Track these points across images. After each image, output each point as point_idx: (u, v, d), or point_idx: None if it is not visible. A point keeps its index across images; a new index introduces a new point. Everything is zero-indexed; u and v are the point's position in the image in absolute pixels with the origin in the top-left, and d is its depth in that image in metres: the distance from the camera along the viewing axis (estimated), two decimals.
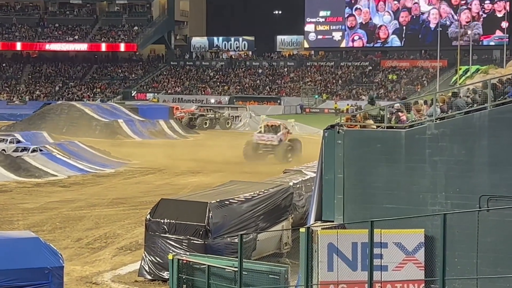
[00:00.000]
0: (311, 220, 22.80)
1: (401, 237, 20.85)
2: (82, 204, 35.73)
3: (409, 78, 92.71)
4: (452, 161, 21.42)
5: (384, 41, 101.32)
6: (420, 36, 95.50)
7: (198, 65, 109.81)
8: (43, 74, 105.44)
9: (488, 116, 21.29)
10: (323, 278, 20.74)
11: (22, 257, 17.61)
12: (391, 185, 21.92)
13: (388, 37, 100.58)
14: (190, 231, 23.33)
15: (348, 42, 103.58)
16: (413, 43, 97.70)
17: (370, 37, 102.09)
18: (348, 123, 23.70)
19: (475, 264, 20.14)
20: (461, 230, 19.94)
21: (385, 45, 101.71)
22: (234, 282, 18.59)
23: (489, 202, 20.43)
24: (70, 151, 50.82)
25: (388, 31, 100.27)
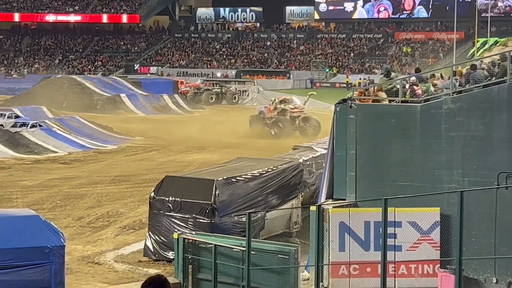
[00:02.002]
0: (322, 198, 22.85)
1: (415, 216, 20.87)
2: (83, 182, 35.81)
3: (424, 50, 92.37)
4: (470, 137, 21.39)
5: (410, 12, 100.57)
6: (448, 7, 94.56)
7: (204, 37, 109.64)
8: (42, 46, 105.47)
9: (507, 90, 21.25)
10: (334, 259, 20.78)
11: (22, 236, 17.64)
12: (406, 162, 21.92)
13: (414, 8, 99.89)
14: (196, 210, 23.37)
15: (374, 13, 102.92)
16: (441, 14, 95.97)
17: (396, 8, 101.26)
18: (361, 97, 23.67)
19: (493, 244, 20.16)
20: (479, 209, 19.94)
21: (412, 16, 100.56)
22: (242, 262, 18.64)
23: (508, 180, 20.42)
24: (71, 126, 50.87)
25: (414, 1, 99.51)
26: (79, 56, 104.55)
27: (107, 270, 22.79)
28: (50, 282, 17.45)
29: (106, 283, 21.12)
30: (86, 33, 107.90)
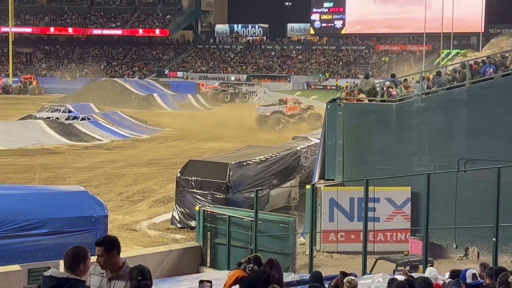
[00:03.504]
0: (315, 179, 22.86)
1: (391, 193, 20.89)
2: (123, 164, 35.89)
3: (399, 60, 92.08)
4: (435, 130, 21.40)
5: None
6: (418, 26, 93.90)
7: (221, 48, 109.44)
8: (90, 54, 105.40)
9: (466, 92, 21.23)
10: (325, 227, 20.84)
11: (73, 207, 17.72)
12: (383, 150, 21.93)
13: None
14: (213, 187, 23.42)
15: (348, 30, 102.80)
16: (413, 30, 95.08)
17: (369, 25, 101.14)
18: (348, 97, 23.69)
19: (454, 216, 20.19)
20: (442, 188, 19.90)
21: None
22: (251, 230, 18.63)
23: (466, 164, 20.41)
24: (113, 119, 50.96)
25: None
26: (120, 62, 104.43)
27: (141, 236, 22.86)
28: None
29: (141, 246, 21.16)
30: (126, 44, 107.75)
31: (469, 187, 20.01)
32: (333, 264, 19.26)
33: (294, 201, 26.02)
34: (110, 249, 6.55)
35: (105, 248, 6.54)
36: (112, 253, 6.55)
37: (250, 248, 18.27)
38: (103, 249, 6.54)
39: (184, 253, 19.06)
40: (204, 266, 19.09)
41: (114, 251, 6.55)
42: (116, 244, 6.60)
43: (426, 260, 16.66)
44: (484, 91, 21.11)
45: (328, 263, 19.74)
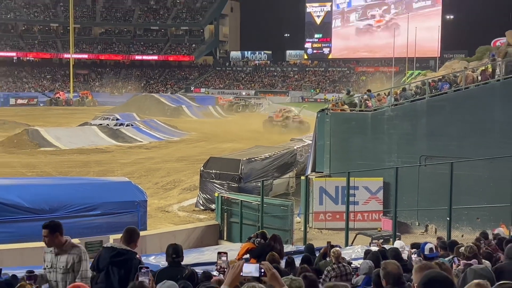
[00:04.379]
0: (308, 171, 22.84)
1: (367, 183, 20.88)
2: (158, 160, 35.92)
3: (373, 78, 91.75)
4: (402, 133, 21.37)
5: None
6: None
7: (234, 70, 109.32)
8: (133, 75, 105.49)
9: (426, 104, 21.19)
10: (315, 209, 20.85)
11: (120, 193, 17.77)
12: (361, 149, 21.90)
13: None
14: (229, 178, 23.43)
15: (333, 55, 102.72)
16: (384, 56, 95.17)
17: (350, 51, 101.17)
18: (333, 108, 23.66)
19: (416, 201, 20.17)
20: (407, 179, 19.90)
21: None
22: (258, 211, 18.68)
23: (426, 160, 20.39)
24: (151, 125, 51.05)
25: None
26: (156, 81, 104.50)
27: (173, 216, 22.90)
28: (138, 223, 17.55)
29: (173, 224, 21.19)
30: (161, 67, 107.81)
31: (428, 178, 20.00)
32: (322, 238, 19.25)
33: (292, 189, 26.03)
34: (53, 231, 6.50)
35: (49, 231, 6.51)
36: (55, 234, 6.49)
37: (258, 225, 18.30)
38: (48, 231, 6.51)
39: (206, 230, 19.10)
40: (222, 239, 19.13)
41: (56, 232, 6.50)
42: (58, 227, 6.54)
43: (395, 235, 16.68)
44: (440, 103, 21.08)
45: (319, 237, 19.73)
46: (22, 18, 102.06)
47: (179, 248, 7.13)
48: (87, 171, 31.24)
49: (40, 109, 76.81)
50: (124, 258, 6.28)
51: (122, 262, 6.29)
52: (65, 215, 16.42)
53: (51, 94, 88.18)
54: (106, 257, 6.35)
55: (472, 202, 18.70)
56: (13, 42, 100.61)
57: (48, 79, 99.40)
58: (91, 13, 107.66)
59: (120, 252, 6.35)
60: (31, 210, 16.10)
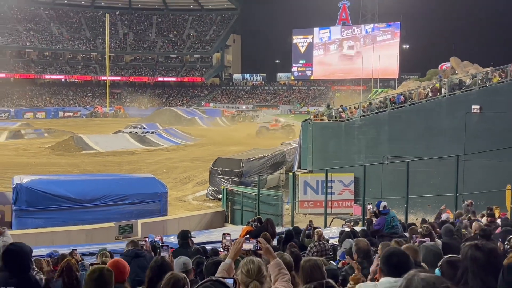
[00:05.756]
0: (295, 168, 22.83)
1: (342, 177, 20.87)
2: (176, 160, 35.85)
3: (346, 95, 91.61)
4: (369, 138, 21.37)
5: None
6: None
7: (236, 88, 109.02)
8: (156, 93, 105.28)
9: (388, 115, 21.19)
10: (301, 198, 20.81)
11: (146, 186, 17.76)
12: (337, 150, 21.89)
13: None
14: (232, 174, 23.40)
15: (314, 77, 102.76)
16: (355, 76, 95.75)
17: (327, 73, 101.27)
18: (315, 119, 23.65)
19: (380, 191, 20.15)
20: (373, 174, 19.90)
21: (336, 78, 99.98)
22: (255, 200, 18.66)
23: (387, 159, 20.39)
24: (171, 133, 50.96)
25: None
26: (175, 98, 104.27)
27: (188, 204, 22.85)
28: (160, 210, 17.54)
29: (188, 210, 21.15)
30: (178, 86, 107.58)
31: (390, 173, 20.01)
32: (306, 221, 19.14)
33: (282, 182, 25.99)
34: None
35: None
36: None
37: (255, 211, 18.28)
38: None
39: (215, 215, 19.09)
40: (227, 223, 19.10)
41: None
42: None
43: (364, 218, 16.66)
44: (398, 114, 21.10)
45: (303, 220, 19.66)
46: (68, 48, 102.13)
47: (184, 233, 7.16)
48: (120, 169, 31.21)
49: (83, 120, 76.64)
50: None
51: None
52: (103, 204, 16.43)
53: (91, 108, 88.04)
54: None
55: (425, 192, 18.72)
56: (61, 67, 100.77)
57: (89, 96, 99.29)
58: (123, 44, 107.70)
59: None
60: (76, 200, 16.09)
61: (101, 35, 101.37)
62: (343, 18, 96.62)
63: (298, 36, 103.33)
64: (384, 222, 9.03)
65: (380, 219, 9.11)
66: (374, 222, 9.10)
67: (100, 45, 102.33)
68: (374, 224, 9.05)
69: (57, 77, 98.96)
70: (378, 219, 9.16)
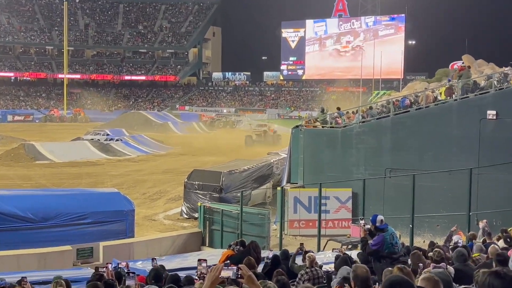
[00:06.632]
0: (284, 182, 22.83)
1: (338, 193, 20.92)
2: (145, 172, 35.71)
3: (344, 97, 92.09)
4: (369, 147, 21.48)
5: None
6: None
7: (216, 89, 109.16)
8: (122, 94, 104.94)
9: (390, 121, 21.36)
10: (290, 217, 20.80)
11: (109, 203, 17.65)
12: (332, 162, 21.96)
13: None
14: (211, 189, 23.36)
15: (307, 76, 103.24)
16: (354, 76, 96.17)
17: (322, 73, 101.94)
18: (307, 125, 23.73)
19: (382, 209, 20.18)
20: (374, 189, 19.98)
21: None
22: (237, 219, 18.62)
23: (390, 172, 20.50)
24: (139, 140, 50.80)
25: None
26: (144, 99, 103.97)
27: (159, 224, 22.75)
28: (126, 231, 17.43)
29: (159, 231, 21.05)
30: (148, 86, 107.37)
31: (392, 188, 20.10)
32: (297, 244, 19.17)
33: (269, 199, 25.98)
34: None
35: None
36: None
37: (237, 232, 18.24)
38: None
39: (190, 237, 19.00)
40: (204, 246, 19.01)
41: None
42: None
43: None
44: (403, 120, 21.27)
45: (293, 243, 19.67)
46: (20, 41, 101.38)
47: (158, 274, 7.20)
48: (79, 183, 30.94)
49: (36, 125, 76.01)
50: None
51: None
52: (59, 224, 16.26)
53: (46, 111, 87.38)
54: None
55: (433, 211, 18.83)
56: (11, 63, 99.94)
57: (43, 97, 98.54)
58: (84, 36, 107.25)
59: None
60: (26, 219, 15.90)
61: (58, 26, 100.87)
62: (340, 9, 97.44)
63: (288, 29, 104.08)
64: (382, 240, 8.81)
65: (377, 238, 8.86)
66: (370, 241, 8.94)
67: (57, 37, 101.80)
68: (371, 243, 8.89)
69: (5, 75, 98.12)
70: (375, 237, 8.96)
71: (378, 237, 8.83)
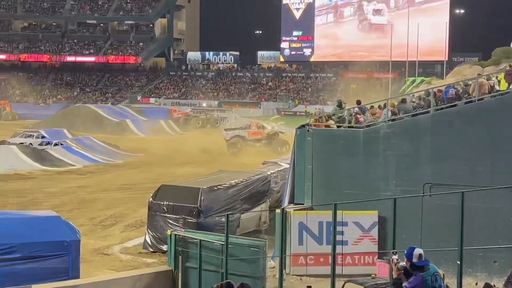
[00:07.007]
0: (285, 203, 22.83)
1: (359, 217, 20.91)
2: (95, 189, 35.67)
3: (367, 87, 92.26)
4: (401, 155, 21.50)
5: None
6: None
7: (193, 75, 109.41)
8: (64, 81, 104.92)
9: (431, 118, 21.37)
10: (294, 251, 20.78)
11: (46, 232, 17.55)
12: (351, 174, 21.97)
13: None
14: (185, 211, 23.34)
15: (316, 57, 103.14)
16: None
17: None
18: (316, 124, 23.74)
19: (419, 240, 20.21)
20: (408, 212, 19.98)
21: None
22: (221, 254, 18.57)
23: (431, 189, 20.52)
24: (86, 145, 50.75)
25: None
26: (93, 89, 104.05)
27: (113, 260, 22.70)
28: (68, 270, 17.36)
29: (113, 270, 21.00)
30: (99, 71, 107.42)
31: (434, 211, 20.11)
32: (303, 287, 19.23)
33: (265, 225, 25.98)
34: None
35: None
36: None
37: (221, 272, 18.19)
38: None
39: (156, 277, 18.91)
40: None
41: None
42: None
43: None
44: (448, 118, 21.28)
45: (298, 286, 19.71)
46: None
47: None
48: (4, 203, 30.78)
49: None
50: None
51: None
52: None
53: None
54: None
55: (489, 242, 18.83)
56: None
57: None
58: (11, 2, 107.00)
59: None
60: None
61: None
62: None
63: None
64: (421, 282, 8.93)
65: (414, 279, 8.97)
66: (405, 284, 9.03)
67: None
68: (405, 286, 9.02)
69: None
70: (411, 279, 9.04)
71: (415, 278, 8.92)
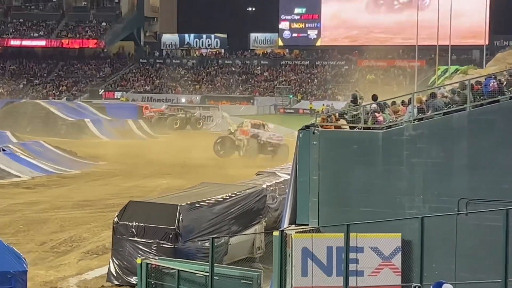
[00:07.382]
0: (285, 224, 22.81)
1: (377, 241, 20.90)
2: (46, 206, 35.53)
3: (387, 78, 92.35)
4: (430, 163, 21.50)
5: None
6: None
7: (169, 63, 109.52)
8: (6, 71, 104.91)
9: (467, 117, 21.40)
10: (297, 284, 20.76)
11: None
12: (368, 188, 21.95)
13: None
14: (159, 235, 23.29)
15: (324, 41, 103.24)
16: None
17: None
18: (324, 124, 23.73)
19: (453, 269, 20.24)
20: (439, 235, 20.02)
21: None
22: (205, 287, 18.61)
23: (468, 206, 20.55)
24: (34, 151, 50.57)
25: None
26: (44, 81, 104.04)
27: None
28: None
29: None
30: (51, 58, 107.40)
31: (471, 233, 20.15)
32: None
33: (259, 252, 25.98)
34: None
35: None
36: None
37: None
38: None
39: None
40: None
41: None
42: None
43: None
44: (489, 117, 21.31)
45: None
46: None
47: None
48: None
49: None
50: None
51: None
52: None
53: None
54: None
55: None
56: None
57: None
58: None
59: None
60: None
61: None
62: None
63: None
64: None
65: None
66: None
67: None
68: None
69: None
70: None
71: None
